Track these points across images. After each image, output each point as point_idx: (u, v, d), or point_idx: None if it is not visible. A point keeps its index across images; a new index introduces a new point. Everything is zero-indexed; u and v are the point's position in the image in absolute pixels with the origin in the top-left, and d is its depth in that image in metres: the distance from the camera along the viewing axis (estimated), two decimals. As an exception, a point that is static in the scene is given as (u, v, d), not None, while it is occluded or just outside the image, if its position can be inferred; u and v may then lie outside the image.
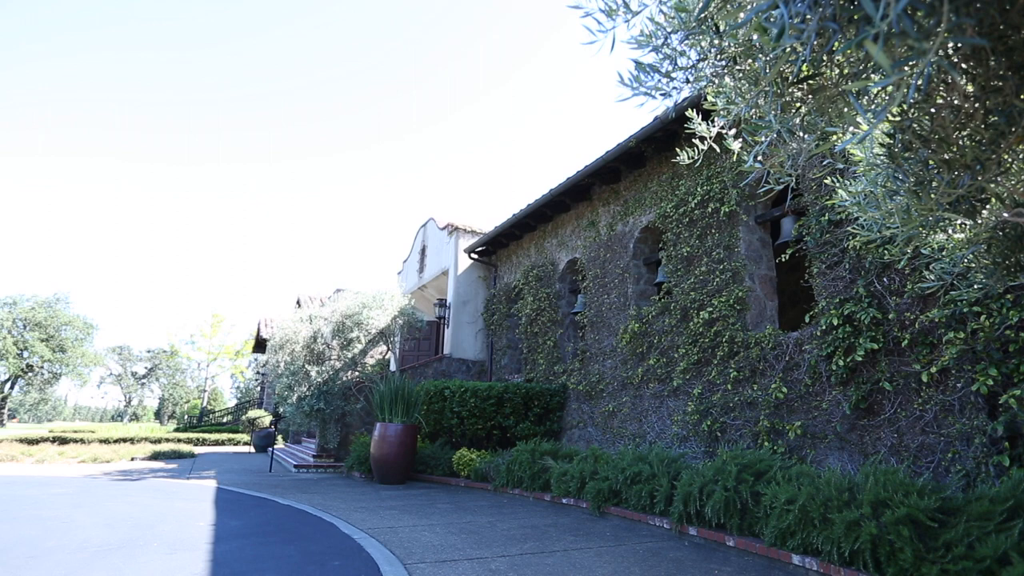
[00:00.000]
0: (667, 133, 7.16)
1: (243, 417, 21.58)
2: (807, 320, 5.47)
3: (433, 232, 14.16)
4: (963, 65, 1.54)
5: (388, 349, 12.09)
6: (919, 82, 1.06)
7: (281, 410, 10.99)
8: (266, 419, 19.23)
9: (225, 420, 33.20)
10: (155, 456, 12.86)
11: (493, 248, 12.34)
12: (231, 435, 21.00)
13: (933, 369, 4.27)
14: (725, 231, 6.56)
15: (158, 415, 61.56)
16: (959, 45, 1.32)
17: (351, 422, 11.20)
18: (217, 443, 19.93)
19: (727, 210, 6.47)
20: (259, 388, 28.70)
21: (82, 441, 14.70)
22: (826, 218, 5.25)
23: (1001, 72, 1.45)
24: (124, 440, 15.28)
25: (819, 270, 5.37)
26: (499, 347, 11.79)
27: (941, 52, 1.43)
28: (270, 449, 12.32)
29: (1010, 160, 1.74)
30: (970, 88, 1.59)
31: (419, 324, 11.77)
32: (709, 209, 6.73)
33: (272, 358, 11.12)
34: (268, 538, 4.47)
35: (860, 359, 4.77)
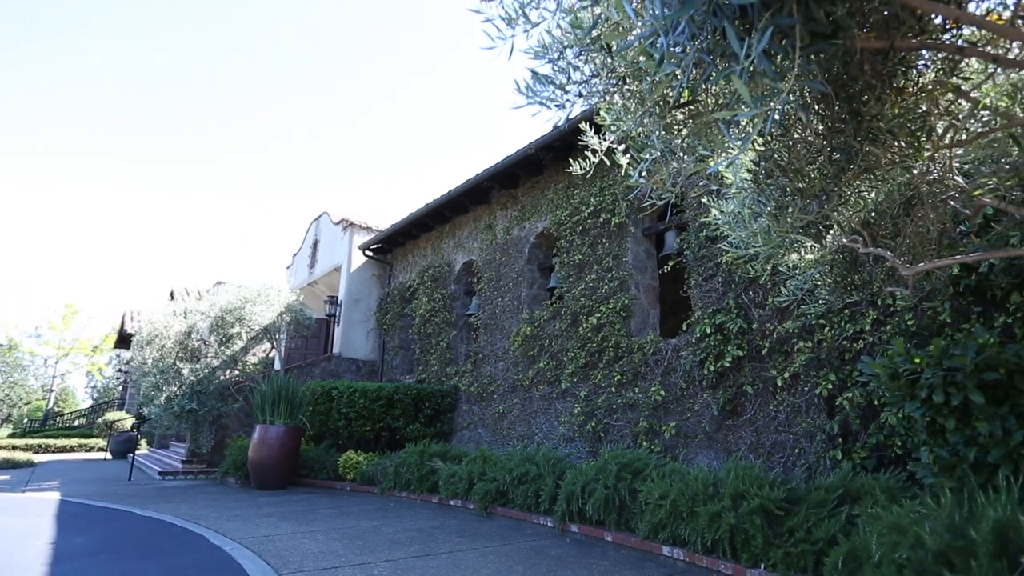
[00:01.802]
0: (565, 143, 7.41)
1: (99, 420, 19.33)
2: (684, 328, 5.90)
3: (327, 227, 13.58)
4: (815, 107, 1.75)
5: (273, 347, 11.41)
6: (776, 116, 1.19)
7: (146, 412, 9.97)
8: (127, 422, 17.35)
9: (77, 423, 29.46)
10: (-21, 466, 11.14)
11: (389, 246, 12.08)
12: (83, 440, 18.73)
13: (786, 374, 4.77)
14: (615, 241, 6.90)
15: (-11, 418, 53.41)
16: (809, 89, 1.49)
17: (228, 424, 10.43)
18: (65, 449, 17.70)
19: (617, 221, 6.82)
20: (121, 388, 25.88)
21: None
22: (703, 234, 5.70)
23: (844, 116, 1.66)
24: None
25: (696, 282, 5.81)
26: (391, 347, 11.55)
27: (798, 93, 1.62)
28: (131, 455, 11.13)
29: (849, 193, 1.99)
30: (820, 127, 1.80)
31: (307, 321, 11.24)
32: (601, 219, 7.06)
33: (138, 354, 10.09)
34: (121, 555, 4.03)
35: (728, 365, 5.22)
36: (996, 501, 2.17)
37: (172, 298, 18.45)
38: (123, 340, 21.70)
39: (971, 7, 1.45)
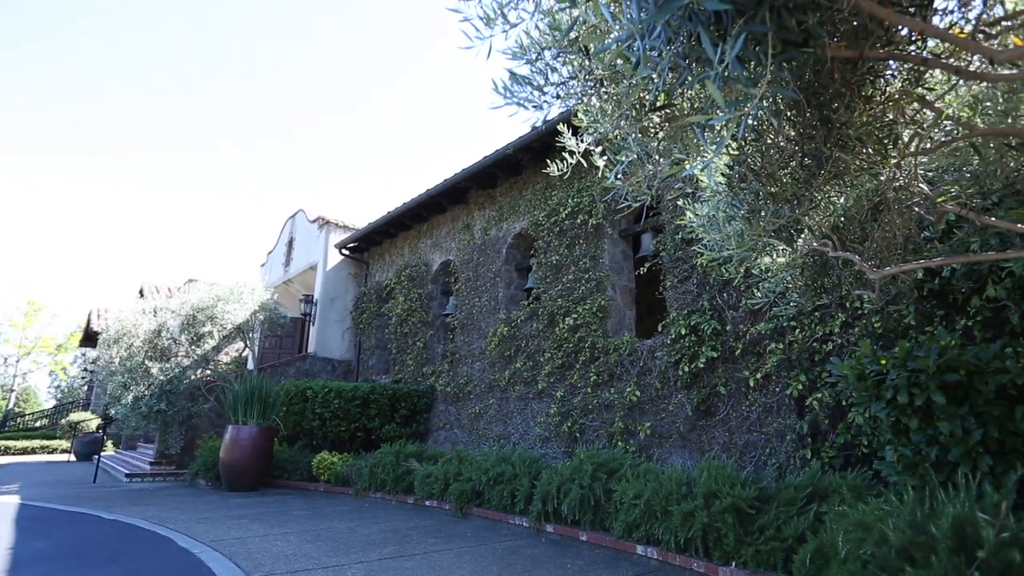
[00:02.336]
0: (543, 144, 7.43)
1: (63, 421, 18.76)
2: (660, 329, 5.97)
3: (302, 224, 13.40)
4: (787, 113, 1.78)
5: (246, 346, 11.20)
6: (750, 121, 1.22)
7: (113, 412, 9.70)
8: (93, 422, 16.86)
9: (39, 424, 28.49)
10: (-63, 468, 10.73)
11: (366, 245, 11.97)
12: (46, 442, 18.15)
13: (759, 375, 4.86)
14: (592, 242, 6.95)
15: (-55, 419, 51.39)
16: (781, 96, 1.52)
17: (198, 424, 10.21)
18: (26, 451, 17.14)
19: (594, 223, 6.87)
20: (86, 388, 25.15)
21: None
22: (679, 236, 5.77)
23: (814, 122, 1.70)
24: None
25: (671, 283, 5.88)
26: (367, 347, 11.45)
27: (771, 100, 1.65)
28: (96, 457, 10.82)
29: (819, 198, 2.04)
30: (792, 133, 1.84)
31: (282, 320, 11.07)
32: (578, 220, 7.10)
33: (105, 353, 9.81)
34: (84, 560, 3.92)
35: (702, 365, 5.30)
36: (955, 498, 2.24)
37: (141, 296, 18.01)
38: (89, 338, 21.11)
39: (935, 20, 1.50)
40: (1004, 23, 1.60)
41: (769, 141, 1.87)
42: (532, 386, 7.30)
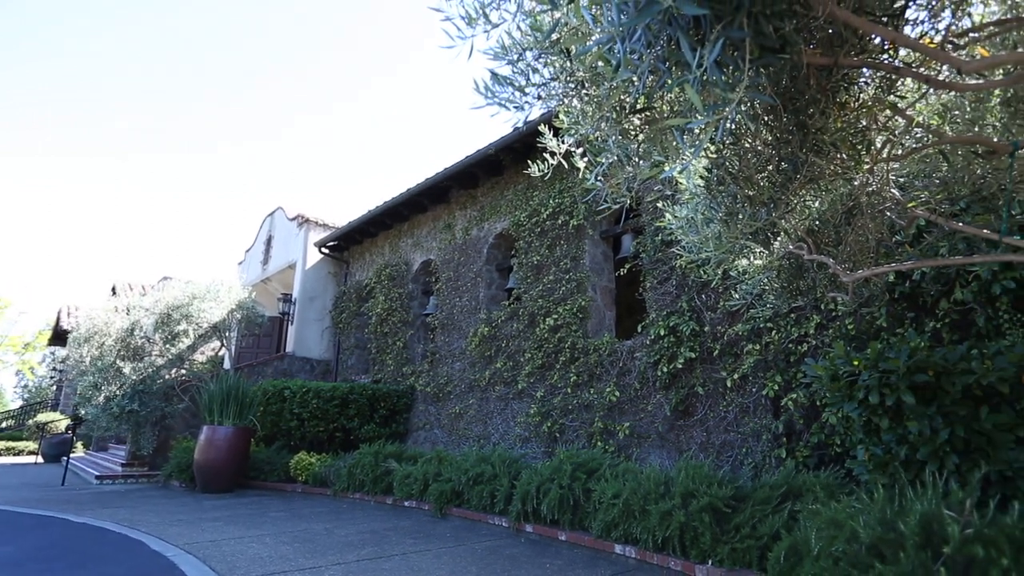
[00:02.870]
0: (524, 145, 7.45)
1: (30, 422, 18.26)
2: (639, 330, 6.02)
3: (281, 222, 13.22)
4: (765, 118, 1.81)
5: (223, 345, 11.02)
6: (728, 125, 1.24)
7: (83, 412, 9.46)
8: (62, 423, 16.44)
9: (4, 425, 27.68)
10: None
11: (346, 244, 11.87)
12: (12, 443, 17.65)
13: (736, 376, 4.93)
14: (573, 243, 6.98)
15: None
16: (758, 101, 1.54)
17: (172, 425, 10.01)
18: (-9, 453, 16.65)
19: (575, 224, 6.90)
20: (55, 388, 24.49)
21: None
22: (659, 238, 5.83)
23: (791, 128, 1.73)
24: None
25: (651, 285, 5.94)
26: (347, 346, 11.35)
27: (748, 105, 1.68)
28: (65, 458, 10.55)
29: (795, 201, 2.08)
30: (769, 138, 1.87)
31: (260, 319, 10.90)
32: (559, 221, 7.13)
33: (75, 352, 9.56)
34: (51, 564, 3.82)
35: (680, 366, 5.36)
36: (923, 496, 2.30)
37: (114, 293, 17.61)
38: (59, 337, 20.57)
39: (907, 30, 1.53)
40: (972, 35, 1.65)
41: (747, 145, 1.91)
42: (512, 386, 7.30)
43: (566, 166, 2.08)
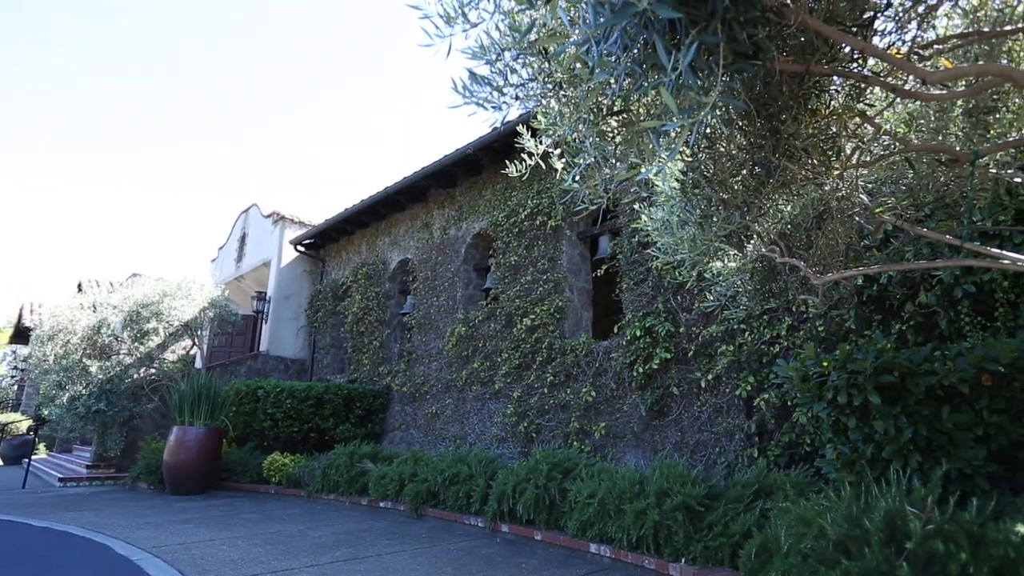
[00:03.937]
0: (503, 145, 7.44)
1: (-10, 422, 17.62)
2: (616, 330, 6.06)
3: (256, 219, 13.00)
4: (739, 123, 1.85)
5: (194, 344, 10.79)
6: (704, 128, 1.26)
7: (46, 412, 9.18)
8: (24, 424, 15.93)
9: (-38, 426, 26.71)
10: None
11: (322, 242, 11.73)
12: (-31, 444, 17.00)
13: (710, 376, 5.00)
14: (550, 244, 7.01)
15: None
16: (733, 106, 1.57)
17: (141, 426, 9.77)
18: (-53, 454, 16.00)
19: (553, 224, 6.93)
20: (16, 387, 23.70)
21: None
22: (636, 239, 5.88)
23: (764, 133, 1.77)
24: None
25: (628, 285, 5.99)
26: (322, 346, 11.21)
27: (723, 109, 1.70)
28: (26, 460, 10.22)
29: (768, 205, 2.12)
30: (743, 142, 1.91)
31: (233, 318, 10.71)
32: (537, 222, 7.14)
33: (38, 350, 9.27)
34: (10, 571, 3.69)
35: (656, 367, 5.41)
36: (888, 493, 2.36)
37: (80, 290, 17.11)
38: (20, 335, 19.89)
39: (876, 40, 1.58)
40: (936, 46, 1.71)
41: (721, 149, 1.94)
42: (489, 386, 7.30)
43: (544, 167, 2.09)
